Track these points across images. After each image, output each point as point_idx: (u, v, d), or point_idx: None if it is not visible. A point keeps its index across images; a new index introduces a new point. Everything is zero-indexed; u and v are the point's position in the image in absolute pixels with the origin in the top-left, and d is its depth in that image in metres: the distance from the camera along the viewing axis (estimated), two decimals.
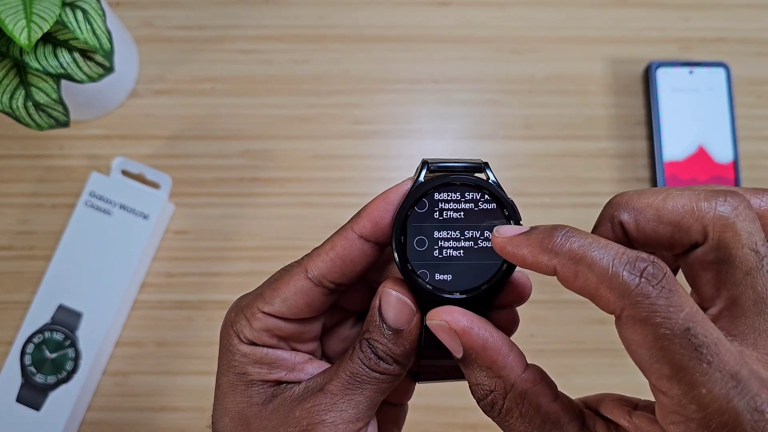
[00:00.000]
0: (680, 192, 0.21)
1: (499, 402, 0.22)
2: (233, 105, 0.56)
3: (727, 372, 0.18)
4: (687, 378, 0.18)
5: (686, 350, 0.18)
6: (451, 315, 0.23)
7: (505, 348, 0.23)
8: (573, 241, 0.20)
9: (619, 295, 0.19)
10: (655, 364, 0.18)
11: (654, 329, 0.18)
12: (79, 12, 0.43)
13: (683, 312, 0.18)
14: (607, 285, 0.19)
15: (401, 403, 0.29)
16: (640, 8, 0.59)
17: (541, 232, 0.21)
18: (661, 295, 0.18)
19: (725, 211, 0.20)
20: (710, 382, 0.18)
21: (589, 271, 0.19)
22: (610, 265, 0.19)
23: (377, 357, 0.24)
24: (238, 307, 0.26)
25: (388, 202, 0.25)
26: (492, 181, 0.24)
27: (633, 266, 0.19)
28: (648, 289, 0.18)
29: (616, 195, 0.23)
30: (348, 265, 0.25)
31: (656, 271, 0.19)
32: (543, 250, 0.20)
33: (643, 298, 0.18)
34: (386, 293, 0.24)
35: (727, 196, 0.21)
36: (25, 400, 0.49)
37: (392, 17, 0.58)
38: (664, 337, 0.18)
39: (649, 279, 0.18)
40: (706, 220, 0.21)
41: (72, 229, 0.51)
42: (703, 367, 0.18)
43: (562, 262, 0.20)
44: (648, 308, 0.18)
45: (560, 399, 0.22)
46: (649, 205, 0.22)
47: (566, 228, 0.21)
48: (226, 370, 0.26)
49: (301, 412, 0.24)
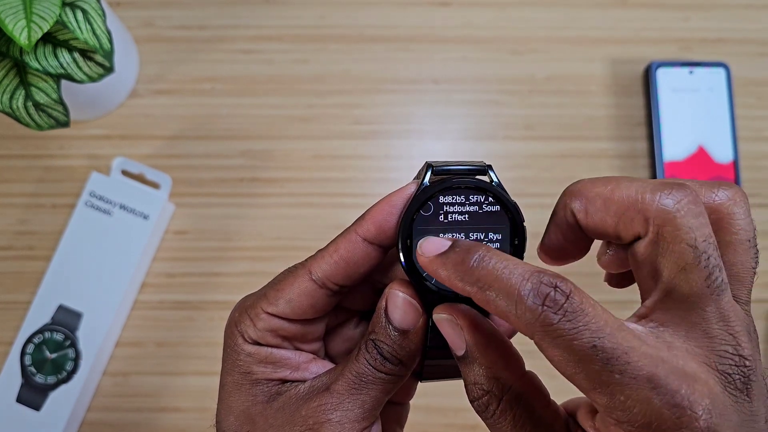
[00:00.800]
0: (629, 182, 0.21)
1: (494, 403, 0.22)
2: (233, 105, 0.56)
3: (642, 377, 0.18)
4: (604, 389, 0.18)
5: (596, 365, 0.18)
6: (458, 310, 0.23)
7: (507, 350, 0.23)
8: (483, 266, 0.20)
9: (526, 323, 0.19)
10: (575, 379, 0.19)
11: (564, 350, 0.19)
12: (79, 12, 0.43)
13: (588, 331, 0.18)
14: (515, 314, 0.19)
15: (403, 403, 0.29)
16: (640, 8, 0.59)
17: (456, 255, 0.21)
18: (564, 319, 0.19)
19: (667, 205, 0.20)
20: (627, 390, 0.18)
21: (498, 298, 0.20)
22: (515, 293, 0.19)
23: (383, 357, 0.24)
24: (242, 307, 0.26)
25: (391, 206, 0.25)
26: (495, 184, 0.25)
27: (536, 294, 0.19)
28: (551, 317, 0.19)
29: (572, 183, 0.23)
30: (352, 267, 0.25)
31: (558, 297, 0.19)
32: (457, 276, 0.21)
33: (548, 326, 0.19)
34: (393, 294, 0.24)
35: (672, 189, 0.20)
36: (25, 400, 0.49)
37: (392, 17, 0.58)
38: (575, 356, 0.18)
39: (551, 306, 0.19)
40: (648, 213, 0.20)
41: (72, 229, 0.51)
42: (616, 377, 0.18)
43: (474, 290, 0.20)
44: (554, 333, 0.19)
45: (552, 406, 0.23)
46: (598, 195, 0.22)
47: (480, 250, 0.21)
48: (230, 369, 0.26)
49: (307, 411, 0.24)
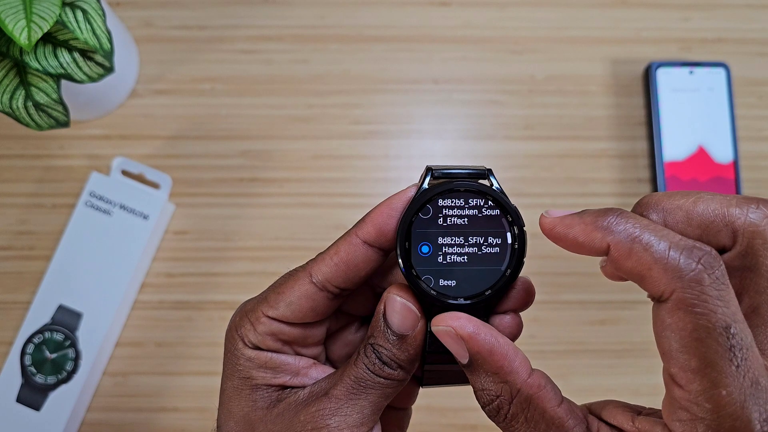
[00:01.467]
0: (711, 196, 0.21)
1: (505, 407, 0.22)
2: (233, 105, 0.56)
3: (749, 378, 0.18)
4: (712, 375, 0.18)
5: (720, 347, 0.18)
6: (457, 321, 0.23)
7: (511, 353, 0.23)
8: (629, 221, 0.20)
9: (673, 277, 0.19)
10: (683, 354, 0.18)
11: (696, 318, 0.18)
12: (79, 12, 0.43)
13: (729, 308, 0.18)
14: (662, 266, 0.19)
15: (405, 407, 0.29)
16: (640, 8, 0.59)
17: (594, 212, 0.21)
18: (713, 285, 0.18)
19: (756, 219, 0.20)
20: (732, 385, 0.18)
21: (645, 250, 0.19)
22: (667, 248, 0.19)
23: (382, 362, 0.24)
24: (243, 311, 0.26)
25: (392, 208, 0.25)
26: (495, 188, 0.25)
27: (691, 252, 0.19)
28: (703, 277, 0.18)
29: (645, 195, 0.23)
30: (352, 270, 0.25)
31: (713, 262, 0.19)
32: (596, 228, 0.21)
33: (696, 284, 0.18)
34: (391, 299, 0.24)
35: (759, 204, 0.21)
36: (25, 400, 0.49)
37: (392, 17, 0.58)
38: (704, 329, 0.18)
39: (705, 267, 0.18)
40: (736, 226, 0.21)
41: (72, 229, 0.51)
42: (732, 368, 0.18)
43: (617, 240, 0.20)
44: (698, 296, 0.18)
45: (565, 404, 0.22)
46: (678, 207, 0.22)
47: (619, 210, 0.21)
48: (230, 374, 0.26)
49: (306, 417, 0.24)
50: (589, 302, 0.54)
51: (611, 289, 0.54)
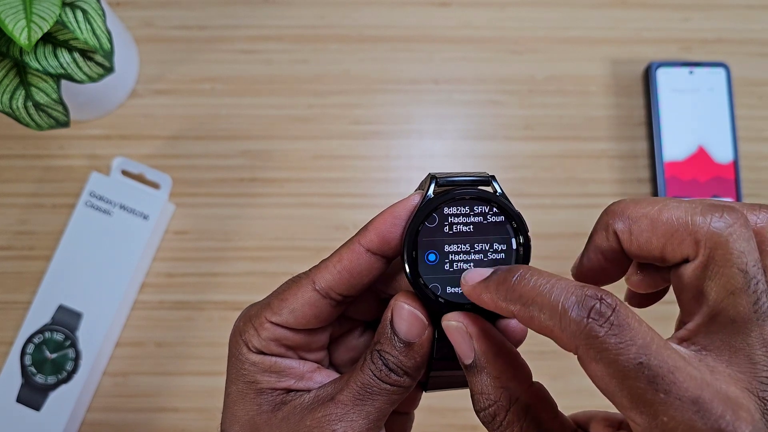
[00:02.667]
0: (677, 204, 0.21)
1: (502, 414, 0.22)
2: (233, 105, 0.56)
3: (687, 398, 0.18)
4: (646, 409, 0.18)
5: (641, 383, 0.18)
6: (468, 319, 0.23)
7: (516, 360, 0.23)
8: (524, 284, 0.20)
9: (571, 336, 0.19)
10: (616, 397, 0.19)
11: (608, 366, 0.18)
12: (79, 12, 0.43)
13: (634, 346, 0.18)
14: (559, 327, 0.19)
15: (408, 412, 0.29)
16: (640, 8, 0.59)
17: (497, 278, 0.21)
18: (610, 332, 0.18)
19: (719, 228, 0.20)
20: (671, 410, 0.18)
21: (541, 313, 0.19)
22: (559, 307, 0.19)
23: (388, 369, 0.24)
24: (247, 316, 0.26)
25: (395, 217, 0.25)
26: (499, 194, 0.25)
27: (581, 306, 0.19)
28: (596, 330, 0.18)
29: (613, 202, 0.23)
30: (355, 277, 0.25)
31: (604, 309, 0.19)
32: (500, 297, 0.21)
33: (593, 339, 0.18)
34: (398, 306, 0.24)
35: (724, 212, 0.20)
36: (25, 400, 0.49)
37: (392, 17, 0.58)
38: (619, 372, 0.18)
39: (596, 319, 0.18)
40: (699, 235, 0.20)
41: (72, 229, 0.51)
42: (660, 397, 0.18)
43: (517, 308, 0.20)
44: (599, 347, 0.18)
45: (560, 418, 0.23)
46: (644, 215, 0.22)
47: (520, 270, 0.21)
48: (235, 378, 0.26)
49: (312, 422, 0.24)
50: None
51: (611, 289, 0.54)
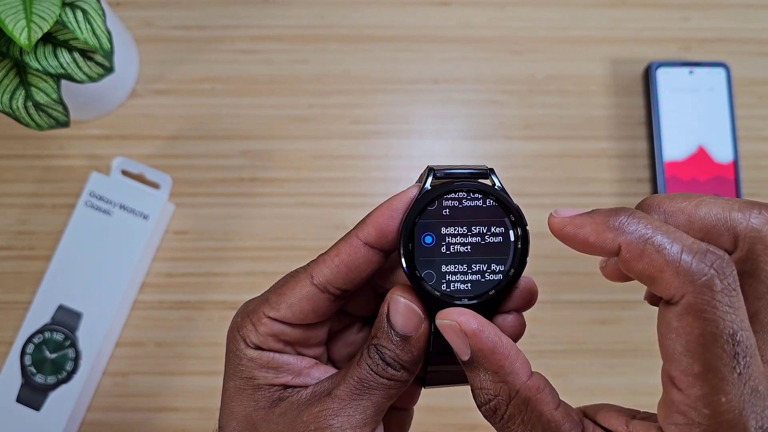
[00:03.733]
0: (714, 200, 0.21)
1: (502, 408, 0.22)
2: (233, 105, 0.56)
3: (750, 386, 0.18)
4: (713, 381, 0.18)
5: (725, 354, 0.18)
6: (462, 316, 0.23)
7: (513, 354, 0.23)
8: (642, 222, 0.20)
9: (685, 280, 0.18)
10: (687, 358, 0.18)
11: (704, 324, 0.18)
12: (79, 12, 0.43)
13: (737, 316, 0.18)
14: (675, 269, 0.19)
15: (407, 408, 0.29)
16: (640, 8, 0.59)
17: (605, 212, 0.21)
18: (724, 291, 0.18)
19: (758, 224, 0.20)
20: (733, 392, 0.17)
21: (657, 252, 0.19)
22: (680, 251, 0.19)
23: (385, 363, 0.24)
24: (244, 311, 0.26)
25: (393, 209, 0.24)
26: (498, 187, 0.24)
27: (704, 256, 0.18)
28: (715, 282, 0.18)
29: (647, 197, 0.23)
30: (353, 271, 0.25)
31: (726, 267, 0.18)
32: (608, 228, 0.20)
33: (707, 290, 0.18)
34: (394, 300, 0.24)
35: (762, 209, 0.20)
36: (25, 400, 0.49)
37: (392, 17, 0.58)
38: (710, 335, 0.18)
39: (718, 272, 0.18)
40: (737, 230, 0.20)
41: (72, 229, 0.51)
42: (734, 376, 0.17)
43: (629, 240, 0.20)
44: (708, 301, 0.18)
45: (562, 407, 0.22)
46: (680, 210, 0.22)
47: (631, 209, 0.20)
48: (232, 374, 0.26)
49: (309, 417, 0.24)
50: (589, 302, 0.54)
51: (611, 289, 0.54)
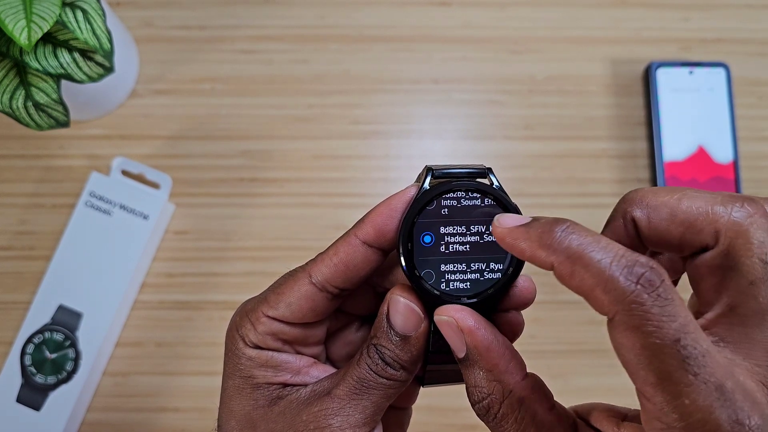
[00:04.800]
0: (697, 193, 0.21)
1: (495, 407, 0.22)
2: (233, 105, 0.56)
3: (712, 384, 0.17)
4: (671, 387, 0.18)
5: (673, 360, 0.18)
6: (460, 313, 0.23)
7: (508, 353, 0.23)
8: (572, 239, 0.19)
9: (614, 299, 0.18)
10: (641, 371, 0.18)
11: (644, 337, 0.18)
12: (79, 12, 0.43)
13: (675, 322, 0.18)
14: (603, 287, 0.18)
15: (406, 407, 0.29)
16: (640, 8, 0.59)
17: (541, 226, 0.20)
18: (655, 303, 0.18)
19: (740, 217, 0.20)
20: (694, 393, 0.17)
21: (586, 271, 0.19)
22: (607, 268, 0.18)
23: (384, 363, 0.24)
24: (243, 311, 0.26)
25: (391, 209, 0.25)
26: (496, 186, 0.24)
27: (630, 271, 0.18)
28: (643, 297, 0.18)
29: (631, 191, 0.23)
30: (351, 270, 0.25)
31: (653, 278, 0.18)
32: (541, 246, 0.20)
33: (637, 306, 0.18)
34: (394, 300, 0.24)
35: (744, 202, 0.20)
36: (25, 400, 0.49)
37: (392, 17, 0.58)
38: (654, 345, 0.18)
39: (645, 286, 0.18)
40: (719, 224, 0.20)
41: (72, 229, 0.51)
42: (689, 378, 0.17)
43: (560, 260, 0.19)
44: (641, 316, 0.18)
45: (556, 409, 0.22)
46: (663, 204, 0.22)
47: (567, 223, 0.20)
48: (231, 373, 0.26)
49: (308, 416, 0.24)
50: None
51: None
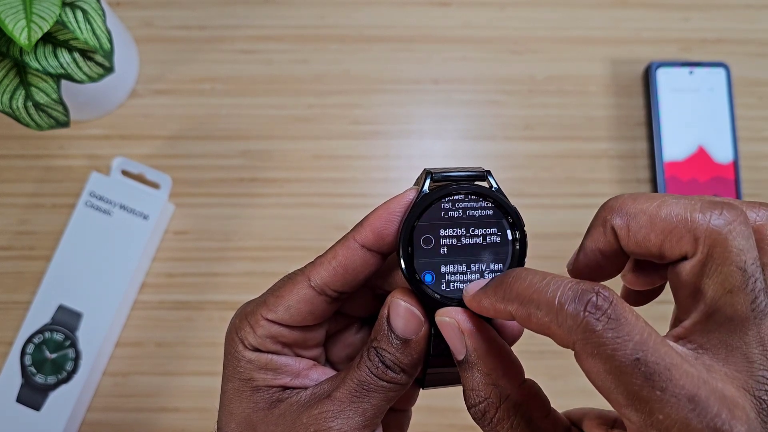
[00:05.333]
0: (676, 200, 0.21)
1: (491, 411, 0.22)
2: (233, 105, 0.56)
3: (683, 396, 0.17)
4: (642, 406, 0.18)
5: (638, 380, 0.18)
6: (461, 315, 0.23)
7: (507, 357, 0.23)
8: (520, 283, 0.20)
9: (567, 331, 0.19)
10: (612, 394, 0.18)
11: (605, 361, 0.18)
12: (79, 12, 0.43)
13: (632, 342, 0.18)
14: (556, 322, 0.19)
15: (405, 409, 0.29)
16: (640, 8, 0.59)
17: (494, 281, 0.21)
18: (607, 326, 0.18)
19: (718, 225, 0.20)
20: (666, 408, 0.17)
21: (538, 310, 0.19)
22: (555, 302, 0.19)
23: (385, 366, 0.24)
24: (243, 314, 0.26)
25: (390, 213, 0.25)
26: (495, 189, 0.24)
27: (577, 300, 0.19)
28: (593, 323, 0.18)
29: (611, 198, 0.23)
30: (350, 274, 0.25)
31: (601, 302, 0.18)
32: (498, 299, 0.21)
33: (590, 333, 0.18)
34: (395, 303, 0.24)
35: (723, 209, 0.20)
36: (25, 401, 0.49)
37: (392, 17, 0.58)
38: (616, 368, 0.18)
39: (593, 312, 0.18)
40: (698, 232, 0.20)
41: (72, 229, 0.51)
42: (657, 394, 0.17)
43: (515, 306, 0.20)
44: (596, 342, 0.18)
45: (552, 416, 0.22)
46: (642, 211, 0.21)
47: (515, 270, 0.21)
48: (231, 376, 0.26)
49: (308, 419, 0.24)
50: None
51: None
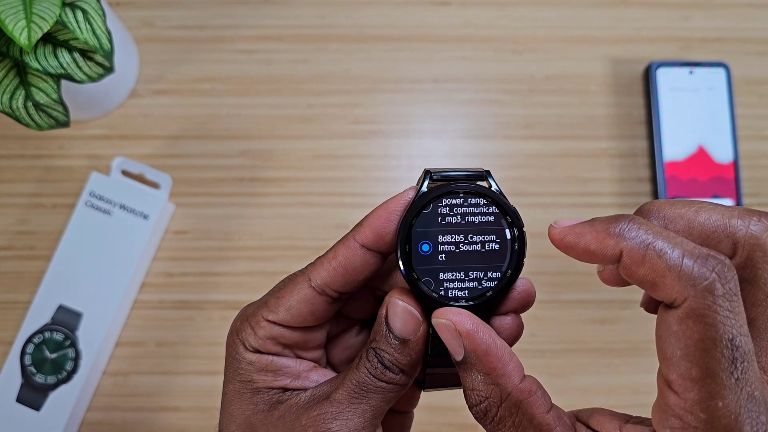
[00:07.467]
0: (713, 206, 0.21)
1: (493, 410, 0.22)
2: (233, 105, 0.56)
3: (747, 392, 0.17)
4: (711, 386, 0.18)
5: (724, 359, 0.18)
6: (457, 316, 0.23)
7: (506, 356, 0.23)
8: (642, 228, 0.20)
9: (687, 285, 0.18)
10: (685, 362, 0.18)
11: (704, 328, 0.18)
12: (79, 12, 0.43)
13: (737, 320, 0.18)
14: (676, 273, 0.19)
15: (407, 411, 0.29)
16: (640, 8, 0.59)
17: (605, 219, 0.21)
18: (725, 296, 0.18)
19: (758, 231, 0.20)
20: (730, 397, 0.17)
21: (658, 257, 0.19)
22: (681, 255, 0.19)
23: (384, 366, 0.24)
24: (243, 315, 0.26)
25: (389, 212, 0.25)
26: (494, 189, 0.24)
27: (705, 260, 0.18)
28: (717, 287, 0.18)
29: (647, 202, 0.23)
30: (350, 274, 0.25)
31: (727, 272, 0.18)
32: (609, 235, 0.20)
33: (709, 294, 0.18)
34: (393, 303, 0.24)
35: (761, 217, 0.21)
36: (25, 400, 0.49)
37: (392, 17, 0.58)
38: (710, 339, 0.18)
39: (719, 277, 0.18)
40: (737, 237, 0.21)
41: (72, 229, 0.51)
42: (731, 381, 0.17)
43: (630, 246, 0.20)
44: (709, 306, 0.18)
45: (553, 411, 0.22)
46: (680, 216, 0.22)
47: (630, 216, 0.21)
48: (232, 377, 0.26)
49: (307, 420, 0.24)
50: (589, 302, 0.54)
51: (611, 288, 0.54)
